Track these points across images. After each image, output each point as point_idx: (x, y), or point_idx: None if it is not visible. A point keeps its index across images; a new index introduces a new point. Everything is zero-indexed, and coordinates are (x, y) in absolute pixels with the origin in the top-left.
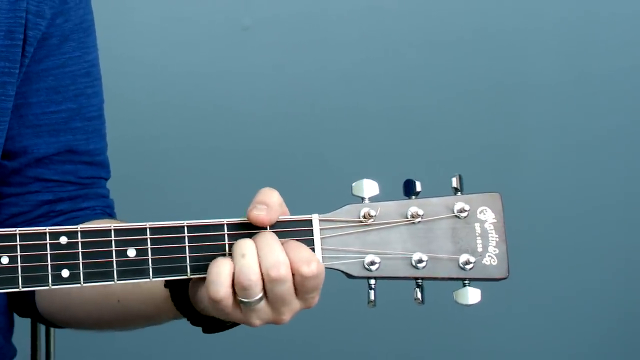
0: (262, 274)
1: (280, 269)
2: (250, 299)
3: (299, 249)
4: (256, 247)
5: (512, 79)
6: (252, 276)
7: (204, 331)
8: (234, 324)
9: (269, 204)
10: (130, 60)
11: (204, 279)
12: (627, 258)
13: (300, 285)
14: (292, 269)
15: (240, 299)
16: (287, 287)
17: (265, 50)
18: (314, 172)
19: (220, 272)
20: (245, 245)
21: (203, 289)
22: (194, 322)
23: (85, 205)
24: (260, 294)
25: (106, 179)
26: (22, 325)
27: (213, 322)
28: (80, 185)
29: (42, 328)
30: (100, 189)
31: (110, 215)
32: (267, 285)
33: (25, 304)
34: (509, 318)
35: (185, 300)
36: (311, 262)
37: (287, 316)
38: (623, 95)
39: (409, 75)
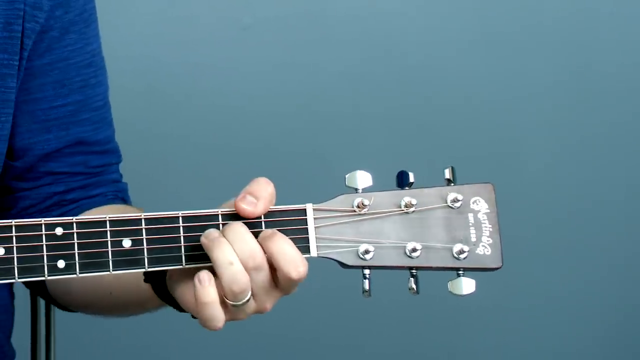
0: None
1: (256, 258)
2: (241, 301)
3: (285, 249)
4: (227, 239)
5: (506, 74)
6: (243, 280)
7: (193, 316)
8: None
9: (260, 197)
10: (130, 59)
11: (187, 272)
12: (624, 251)
13: (285, 285)
14: (279, 273)
15: (231, 303)
16: (265, 275)
17: (265, 50)
18: (307, 164)
19: (213, 308)
20: (229, 253)
21: (186, 292)
22: (181, 310)
23: (96, 192)
24: (250, 294)
25: (117, 163)
26: (22, 326)
27: None
28: (90, 174)
29: (42, 329)
30: (112, 174)
31: (123, 199)
32: None
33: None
34: (504, 311)
35: (167, 293)
36: (299, 265)
37: (269, 305)
38: (618, 88)
39: (406, 72)
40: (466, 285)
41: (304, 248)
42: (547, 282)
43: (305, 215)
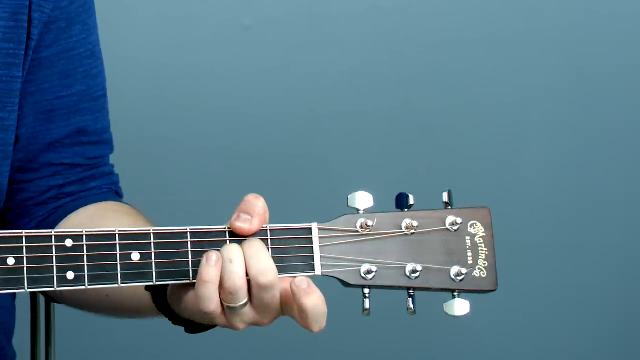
0: (249, 280)
1: (269, 275)
2: (235, 304)
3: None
4: (244, 254)
5: (508, 77)
6: (238, 282)
7: (187, 331)
8: (214, 325)
9: (254, 214)
10: (130, 60)
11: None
12: (624, 255)
13: (300, 316)
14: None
15: (226, 304)
16: (275, 294)
17: (266, 50)
18: (309, 175)
19: (209, 288)
20: (232, 251)
21: (188, 296)
22: (176, 322)
23: (92, 185)
24: (245, 300)
25: (109, 154)
26: (22, 328)
27: (193, 323)
28: (88, 166)
29: (42, 330)
30: (106, 167)
31: (117, 192)
32: (255, 291)
33: None
34: (501, 329)
35: (166, 304)
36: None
37: (268, 321)
38: (619, 96)
39: (408, 76)
40: (460, 307)
41: (309, 267)
42: (546, 285)
43: (311, 234)
